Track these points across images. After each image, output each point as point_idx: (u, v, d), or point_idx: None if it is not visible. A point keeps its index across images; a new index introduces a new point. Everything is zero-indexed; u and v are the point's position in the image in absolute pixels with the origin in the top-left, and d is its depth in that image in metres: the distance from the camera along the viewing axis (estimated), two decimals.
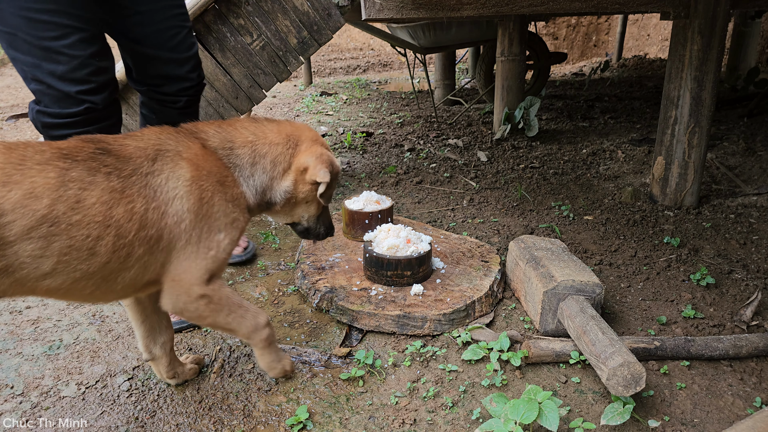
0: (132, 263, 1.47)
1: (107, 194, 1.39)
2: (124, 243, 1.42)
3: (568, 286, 2.16)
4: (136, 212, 1.44)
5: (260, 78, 3.64)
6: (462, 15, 3.31)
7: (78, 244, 1.34)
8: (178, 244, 1.53)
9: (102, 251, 1.39)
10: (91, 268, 1.40)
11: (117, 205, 1.40)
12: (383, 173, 4.39)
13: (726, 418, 1.85)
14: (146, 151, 1.52)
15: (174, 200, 1.50)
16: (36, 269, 1.32)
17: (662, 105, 3.44)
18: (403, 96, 7.96)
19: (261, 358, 1.88)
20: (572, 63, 11.63)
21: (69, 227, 1.32)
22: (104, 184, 1.40)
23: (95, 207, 1.36)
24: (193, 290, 1.57)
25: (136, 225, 1.43)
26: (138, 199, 1.45)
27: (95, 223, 1.36)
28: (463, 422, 1.83)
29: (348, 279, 2.50)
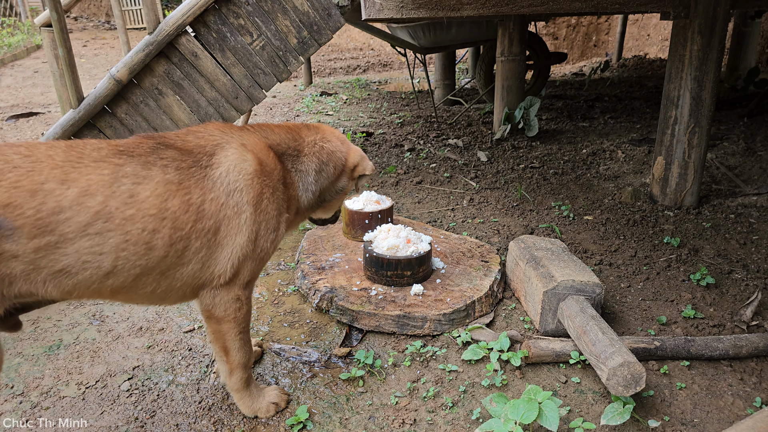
0: (189, 257, 1.48)
1: (162, 187, 1.41)
2: (181, 235, 1.44)
3: (568, 286, 2.16)
4: (193, 203, 1.46)
5: (260, 78, 3.64)
6: (462, 15, 3.31)
7: (134, 239, 1.37)
8: (238, 238, 1.54)
9: (159, 244, 1.41)
10: (150, 263, 1.41)
11: (172, 197, 1.42)
12: (383, 173, 4.39)
13: (726, 418, 1.85)
14: (206, 147, 1.55)
15: (235, 192, 1.52)
16: (98, 268, 1.34)
17: (662, 105, 3.44)
18: (403, 96, 7.96)
19: (240, 401, 1.82)
20: (572, 63, 11.63)
21: (123, 222, 1.34)
22: (159, 177, 1.42)
23: (149, 200, 1.39)
24: (233, 290, 1.60)
25: (192, 216, 1.45)
26: (195, 191, 1.46)
27: (149, 216, 1.38)
28: (463, 422, 1.83)
29: (348, 279, 2.50)
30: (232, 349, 1.71)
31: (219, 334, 1.67)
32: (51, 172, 1.29)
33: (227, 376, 1.78)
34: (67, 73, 3.37)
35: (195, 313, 2.48)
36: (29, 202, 1.23)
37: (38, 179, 1.26)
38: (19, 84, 8.57)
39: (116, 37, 14.89)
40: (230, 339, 1.68)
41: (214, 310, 1.62)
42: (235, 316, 1.64)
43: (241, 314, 1.66)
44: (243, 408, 1.84)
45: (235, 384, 1.79)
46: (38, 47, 12.05)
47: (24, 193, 1.23)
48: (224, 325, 1.65)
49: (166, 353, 2.20)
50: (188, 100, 3.57)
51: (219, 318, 1.63)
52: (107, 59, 11.35)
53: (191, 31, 3.51)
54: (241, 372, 1.77)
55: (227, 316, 1.63)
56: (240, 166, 1.56)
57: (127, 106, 3.49)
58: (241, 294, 1.63)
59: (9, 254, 1.23)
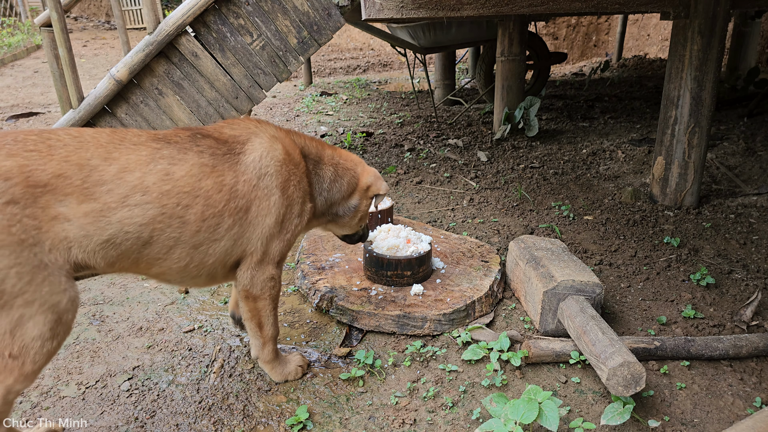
0: (222, 234, 1.65)
1: (197, 168, 1.59)
2: (214, 213, 1.61)
3: (568, 286, 2.16)
4: (226, 184, 1.63)
5: (260, 78, 3.64)
6: (462, 15, 3.31)
7: (169, 212, 1.53)
8: (268, 219, 1.72)
9: (192, 219, 1.57)
10: (183, 236, 1.57)
11: (206, 178, 1.60)
12: (383, 173, 4.39)
13: (726, 418, 1.85)
14: (240, 137, 1.73)
15: (265, 176, 1.70)
16: (138, 238, 1.51)
17: (662, 105, 3.44)
18: (403, 96, 7.96)
19: (272, 371, 2.01)
20: (572, 63, 11.63)
21: (160, 196, 1.52)
22: (194, 160, 1.59)
23: (183, 179, 1.56)
24: (268, 269, 1.78)
25: (225, 196, 1.62)
26: (227, 173, 1.64)
27: (184, 192, 1.55)
28: (463, 422, 1.83)
29: (348, 279, 2.50)
30: (265, 325, 1.89)
31: (255, 312, 1.85)
32: (96, 151, 1.47)
33: (260, 349, 1.96)
34: (67, 73, 3.37)
35: (195, 313, 2.48)
36: (77, 174, 1.42)
37: (85, 155, 1.45)
38: (19, 84, 8.57)
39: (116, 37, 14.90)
40: (264, 315, 1.87)
41: (251, 289, 1.79)
42: (270, 294, 1.83)
43: (275, 292, 1.85)
44: (275, 376, 2.01)
45: (268, 356, 1.97)
46: (38, 47, 12.05)
47: (73, 166, 1.42)
48: (260, 303, 1.83)
49: (166, 353, 2.20)
50: (188, 100, 3.56)
51: (256, 296, 1.81)
52: (107, 59, 11.35)
53: (191, 31, 3.51)
54: (272, 344, 1.96)
55: (263, 294, 1.81)
56: (271, 153, 1.73)
57: (127, 106, 3.49)
58: (275, 273, 1.82)
59: (63, 217, 1.40)
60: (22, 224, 1.34)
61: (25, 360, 1.37)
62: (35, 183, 1.36)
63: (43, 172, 1.38)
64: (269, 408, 1.90)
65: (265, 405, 1.92)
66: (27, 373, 1.39)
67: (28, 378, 1.40)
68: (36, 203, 1.36)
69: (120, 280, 2.78)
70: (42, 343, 1.38)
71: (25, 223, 1.34)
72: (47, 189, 1.38)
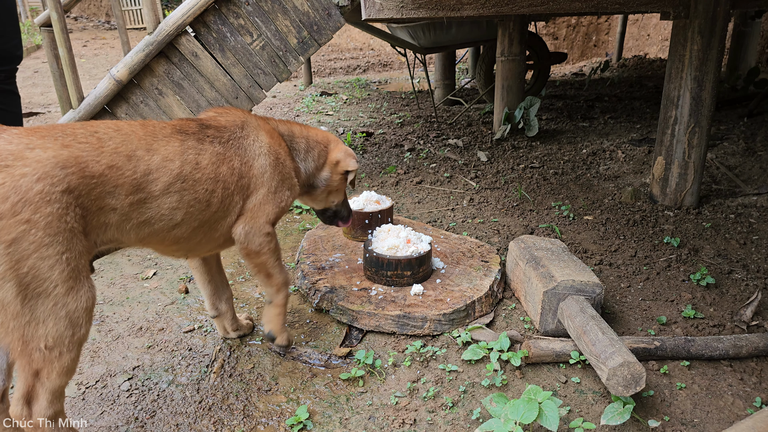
0: (231, 209, 1.81)
1: (215, 157, 1.74)
2: (228, 193, 1.77)
3: (568, 286, 2.16)
4: (235, 168, 1.80)
5: (260, 78, 3.64)
6: (462, 15, 3.31)
7: (200, 197, 1.68)
8: (261, 189, 1.88)
9: (214, 201, 1.73)
10: (205, 217, 1.73)
11: (222, 164, 1.75)
12: (383, 173, 4.39)
13: (726, 418, 1.85)
14: (235, 122, 1.88)
15: (259, 157, 1.88)
16: (171, 220, 1.63)
17: (662, 105, 3.44)
18: (403, 96, 7.96)
19: (275, 318, 2.08)
20: (572, 63, 11.63)
21: (194, 183, 1.66)
22: (211, 149, 1.74)
23: (209, 167, 1.71)
24: (264, 227, 1.90)
25: (236, 177, 1.79)
26: (235, 158, 1.81)
27: (210, 179, 1.71)
28: (463, 422, 1.83)
29: (348, 279, 2.50)
30: (274, 274, 2.00)
31: (260, 266, 1.96)
32: (139, 143, 1.56)
33: (274, 295, 2.06)
34: (67, 73, 3.37)
35: (195, 313, 2.48)
36: (127, 165, 1.50)
37: (131, 147, 1.53)
38: (19, 84, 8.55)
39: (116, 37, 14.89)
40: (271, 266, 1.98)
41: (250, 245, 1.89)
42: (269, 248, 1.94)
43: (273, 245, 1.96)
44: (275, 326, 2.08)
45: (281, 300, 2.06)
46: (38, 47, 12.04)
47: (123, 157, 1.50)
48: (262, 257, 1.94)
49: (166, 353, 2.20)
50: (188, 100, 3.56)
51: (256, 251, 1.91)
52: (107, 59, 11.35)
53: (191, 31, 3.51)
54: (285, 289, 2.06)
55: (262, 248, 1.92)
56: (261, 138, 1.91)
57: (127, 107, 3.49)
58: (271, 230, 1.93)
59: (109, 207, 1.49)
60: (75, 213, 1.40)
61: (62, 350, 1.40)
62: (90, 174, 1.43)
63: (98, 163, 1.45)
64: (269, 408, 1.90)
65: (265, 405, 1.92)
66: (66, 365, 1.42)
67: (70, 370, 1.44)
68: (89, 194, 1.43)
69: (120, 280, 2.78)
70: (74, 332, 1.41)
71: (77, 212, 1.41)
72: (100, 180, 1.45)
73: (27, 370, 1.38)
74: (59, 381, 1.42)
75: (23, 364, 1.37)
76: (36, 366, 1.38)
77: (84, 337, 1.45)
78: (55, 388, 1.42)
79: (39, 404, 1.41)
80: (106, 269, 2.90)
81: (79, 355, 1.46)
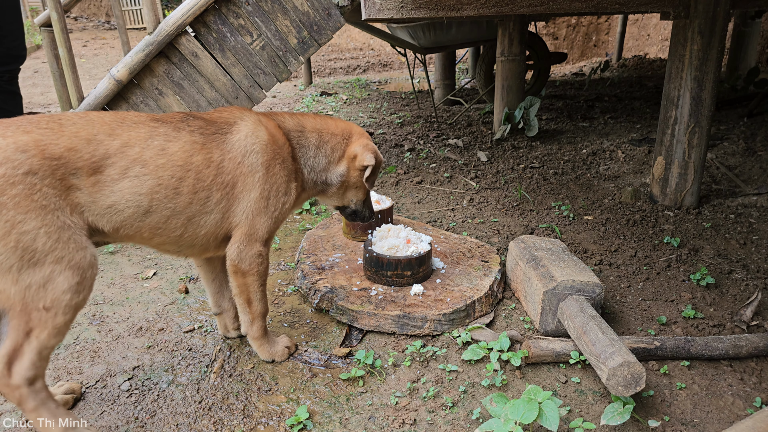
0: (212, 206, 1.79)
1: (189, 145, 1.73)
2: (203, 186, 1.75)
3: (568, 286, 2.16)
4: (214, 160, 1.77)
5: (260, 78, 3.64)
6: (462, 15, 3.31)
7: (165, 183, 1.68)
8: (252, 192, 1.84)
9: (184, 191, 1.71)
10: (178, 206, 1.72)
11: (197, 154, 1.74)
12: (383, 173, 4.39)
13: (726, 418, 1.85)
14: (228, 119, 1.87)
15: (250, 154, 1.83)
16: (138, 206, 1.65)
17: (662, 105, 3.44)
18: (403, 96, 7.96)
19: (261, 348, 2.10)
20: (572, 63, 11.63)
21: (156, 168, 1.66)
22: (187, 137, 1.74)
23: (177, 154, 1.70)
24: (255, 246, 1.89)
25: (213, 171, 1.76)
26: (215, 150, 1.78)
27: (177, 166, 1.70)
28: (463, 422, 1.83)
29: (348, 279, 2.50)
30: (254, 300, 1.99)
31: (244, 287, 1.96)
32: (101, 128, 1.62)
33: (249, 326, 2.06)
34: (67, 73, 3.37)
35: (195, 313, 2.48)
36: (86, 148, 1.57)
37: (92, 131, 1.60)
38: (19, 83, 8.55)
39: (116, 37, 14.89)
40: (253, 291, 1.97)
41: (240, 264, 1.90)
42: (257, 270, 1.93)
43: (263, 268, 1.95)
44: (262, 354, 2.10)
45: (256, 332, 2.06)
46: (38, 47, 12.04)
47: (82, 141, 1.57)
48: (249, 278, 1.93)
49: (166, 353, 2.20)
50: (188, 101, 3.56)
51: (245, 272, 1.91)
52: (107, 59, 11.35)
53: (191, 31, 3.51)
54: (261, 321, 2.05)
55: (251, 269, 1.91)
56: (255, 134, 1.86)
57: (127, 107, 3.49)
58: (263, 250, 1.91)
59: (76, 187, 1.56)
60: (43, 192, 1.47)
61: (57, 312, 1.50)
62: (50, 155, 1.50)
63: (57, 146, 1.52)
64: (269, 408, 1.90)
65: (265, 405, 1.92)
66: (59, 326, 1.52)
67: (60, 332, 1.53)
68: (54, 174, 1.50)
69: (120, 280, 2.78)
70: (71, 296, 1.51)
71: (45, 191, 1.48)
72: (61, 162, 1.52)
73: (20, 329, 1.48)
74: (49, 340, 1.51)
75: (19, 323, 1.48)
76: (31, 325, 1.48)
77: (79, 305, 1.55)
78: (42, 347, 1.51)
79: (21, 363, 1.50)
80: (106, 269, 2.90)
81: (71, 322, 1.56)
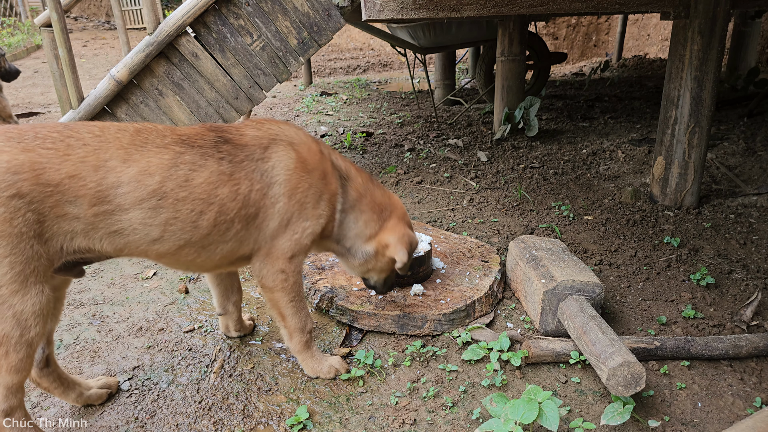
0: (230, 237, 1.69)
1: (215, 176, 1.61)
2: (225, 219, 1.64)
3: (568, 286, 2.16)
4: (241, 193, 1.65)
5: (260, 78, 3.64)
6: (462, 15, 3.31)
7: (182, 217, 1.56)
8: (271, 223, 1.74)
9: (204, 224, 1.61)
10: (193, 238, 1.61)
11: (223, 186, 1.61)
12: (383, 173, 4.39)
13: (726, 418, 1.85)
14: (261, 140, 1.73)
15: (275, 185, 1.72)
16: (146, 235, 1.54)
17: (662, 105, 3.44)
18: (403, 96, 7.96)
19: (305, 363, 2.02)
20: (572, 63, 11.63)
21: (176, 202, 1.54)
22: (214, 167, 1.61)
23: (201, 186, 1.58)
24: (277, 263, 1.80)
25: (238, 204, 1.65)
26: (244, 182, 1.65)
27: (199, 200, 1.58)
28: (463, 422, 1.83)
29: (348, 279, 2.50)
30: (287, 316, 1.91)
31: (273, 302, 1.89)
32: (115, 152, 1.48)
33: (288, 339, 1.98)
34: (67, 73, 3.37)
35: (195, 313, 2.48)
36: (92, 176, 1.43)
37: (103, 157, 1.46)
38: (19, 84, 8.56)
39: (116, 37, 14.90)
40: (283, 306, 1.89)
41: (264, 280, 1.83)
42: (282, 287, 1.84)
43: (288, 285, 1.85)
44: (306, 369, 2.02)
45: (296, 346, 1.98)
46: (38, 47, 12.04)
47: (89, 167, 1.43)
48: (276, 294, 1.86)
49: (166, 353, 2.20)
50: (188, 101, 3.57)
51: (270, 288, 1.84)
52: (107, 59, 11.35)
53: (191, 31, 3.51)
54: (300, 335, 1.96)
55: (276, 286, 1.83)
56: (284, 162, 1.74)
57: (127, 107, 3.49)
58: (286, 267, 1.81)
59: (71, 216, 1.44)
60: (24, 218, 1.36)
61: (8, 349, 1.40)
62: (46, 182, 1.38)
63: (57, 172, 1.40)
64: (269, 408, 1.90)
65: (265, 405, 1.92)
66: (14, 363, 1.42)
67: (18, 369, 1.43)
68: (44, 201, 1.39)
69: (120, 280, 2.78)
70: (20, 333, 1.40)
71: (28, 217, 1.37)
72: (58, 189, 1.39)
73: None
74: (9, 378, 1.43)
75: None
76: None
77: (33, 340, 1.44)
78: (7, 384, 1.44)
79: None
80: (106, 269, 2.90)
81: (31, 357, 1.46)
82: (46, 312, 1.45)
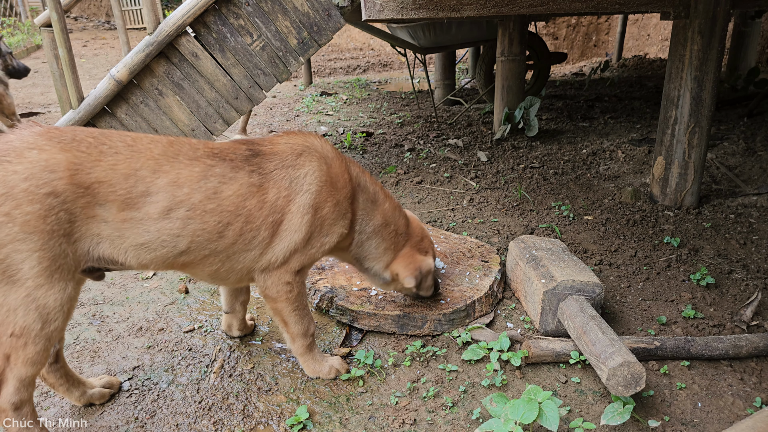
0: (255, 245, 1.72)
1: (245, 188, 1.65)
2: (251, 227, 1.68)
3: (568, 286, 2.16)
4: (268, 201, 1.69)
5: (260, 78, 3.64)
6: (462, 15, 3.31)
7: (209, 228, 1.61)
8: (295, 235, 1.75)
9: (230, 235, 1.65)
10: (219, 248, 1.66)
11: (252, 198, 1.66)
12: (383, 173, 4.39)
13: (726, 418, 1.85)
14: (295, 147, 1.78)
15: (304, 194, 1.74)
16: (174, 247, 1.58)
17: (662, 105, 3.44)
18: (403, 96, 7.96)
19: (306, 366, 2.05)
20: (572, 63, 11.63)
21: (203, 213, 1.59)
22: (244, 179, 1.66)
23: (230, 198, 1.62)
24: (285, 276, 1.82)
25: (265, 212, 1.69)
26: (272, 190, 1.69)
27: (227, 212, 1.62)
28: (463, 422, 1.83)
29: (348, 279, 2.50)
30: (290, 323, 1.94)
31: (276, 311, 1.92)
32: (146, 162, 1.53)
33: (290, 343, 2.01)
34: (67, 73, 3.37)
35: (195, 313, 2.48)
36: (122, 183, 1.49)
37: (134, 166, 1.51)
38: (19, 84, 8.56)
39: (116, 37, 14.90)
40: (286, 314, 1.91)
41: (268, 291, 1.85)
42: (287, 297, 1.87)
43: (293, 295, 1.88)
44: (306, 370, 2.05)
45: (298, 349, 2.01)
46: (38, 47, 12.05)
47: (119, 175, 1.49)
48: (279, 304, 1.88)
49: (166, 353, 2.20)
50: (188, 101, 3.57)
51: (273, 298, 1.86)
52: (107, 59, 11.35)
53: (191, 31, 3.51)
54: (302, 340, 1.99)
55: (280, 296, 1.86)
56: (315, 173, 1.77)
57: (127, 107, 3.49)
58: (292, 279, 1.84)
59: (100, 218, 1.49)
60: (57, 216, 1.42)
61: (27, 340, 1.44)
62: (79, 182, 1.44)
63: (88, 175, 1.45)
64: (269, 408, 1.90)
65: (265, 405, 1.92)
66: (31, 355, 1.45)
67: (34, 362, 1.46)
68: (76, 201, 1.44)
69: (120, 280, 2.78)
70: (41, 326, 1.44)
71: (60, 216, 1.42)
72: (89, 191, 1.45)
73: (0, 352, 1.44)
74: (24, 370, 1.46)
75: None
76: (5, 350, 1.44)
77: (52, 334, 1.48)
78: (21, 376, 1.47)
79: (6, 388, 1.47)
80: None
81: (48, 351, 1.50)
82: (67, 308, 1.50)
